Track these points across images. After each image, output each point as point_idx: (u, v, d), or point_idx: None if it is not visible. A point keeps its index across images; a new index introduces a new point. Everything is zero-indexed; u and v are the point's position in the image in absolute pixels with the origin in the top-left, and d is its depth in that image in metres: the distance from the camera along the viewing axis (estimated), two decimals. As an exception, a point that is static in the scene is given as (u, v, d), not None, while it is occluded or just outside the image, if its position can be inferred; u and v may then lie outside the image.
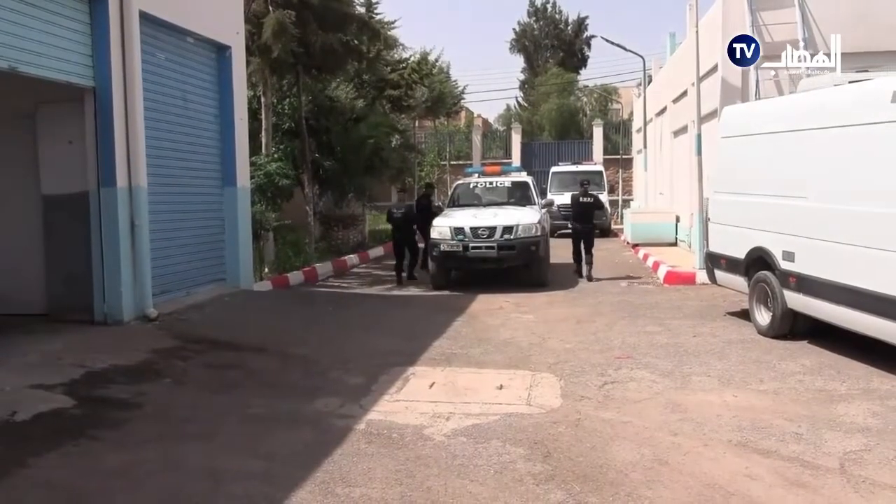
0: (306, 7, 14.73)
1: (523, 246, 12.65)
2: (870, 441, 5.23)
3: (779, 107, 9.43)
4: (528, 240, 12.69)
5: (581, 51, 54.23)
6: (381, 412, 5.96)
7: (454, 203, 14.77)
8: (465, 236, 12.66)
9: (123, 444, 5.28)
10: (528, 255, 12.75)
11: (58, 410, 5.88)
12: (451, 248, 12.68)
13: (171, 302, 9.89)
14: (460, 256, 12.73)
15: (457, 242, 12.66)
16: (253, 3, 14.27)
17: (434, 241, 12.96)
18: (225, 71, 11.69)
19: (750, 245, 8.89)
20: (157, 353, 7.69)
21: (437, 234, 12.97)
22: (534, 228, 12.84)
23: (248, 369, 7.41)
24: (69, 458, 4.99)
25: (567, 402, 6.18)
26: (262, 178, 13.97)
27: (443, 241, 12.80)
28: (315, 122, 17.98)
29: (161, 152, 9.96)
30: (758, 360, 7.51)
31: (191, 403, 6.27)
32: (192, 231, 10.85)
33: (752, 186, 9.07)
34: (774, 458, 4.95)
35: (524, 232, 12.70)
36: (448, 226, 12.96)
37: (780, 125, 8.68)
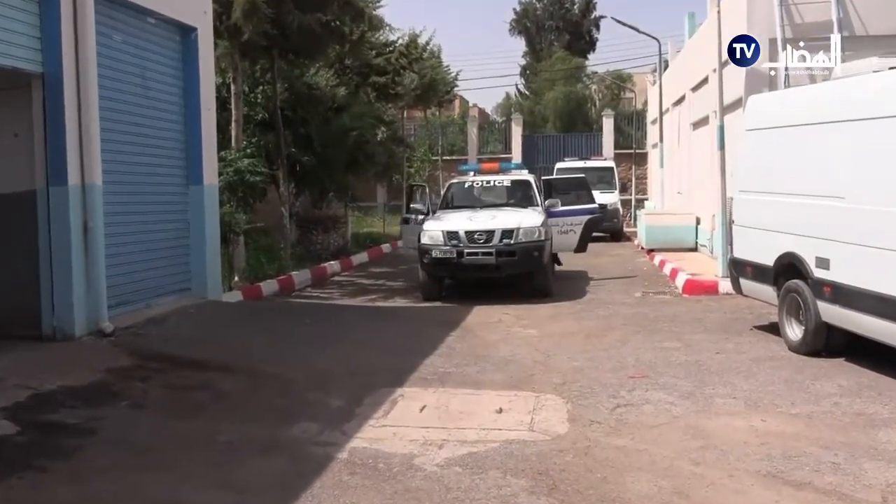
0: (281, -17, 14.72)
1: (525, 252, 12.55)
2: (914, 471, 5.24)
3: (811, 96, 9.46)
4: (530, 245, 12.60)
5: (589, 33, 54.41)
6: (366, 439, 5.94)
7: (447, 204, 14.64)
8: (460, 241, 12.58)
9: (75, 475, 5.23)
10: (530, 262, 12.67)
11: (1, 438, 5.83)
12: (444, 254, 12.57)
13: (128, 315, 9.85)
14: (454, 264, 12.64)
15: (450, 248, 12.55)
16: (222, -20, 14.25)
17: (424, 246, 12.83)
18: (190, 55, 11.66)
19: (779, 251, 8.91)
20: (112, 373, 7.65)
21: (427, 240, 12.86)
22: (536, 232, 12.76)
23: (215, 391, 7.37)
24: (13, 491, 4.94)
25: (575, 428, 6.17)
26: (232, 176, 13.96)
27: (434, 246, 12.68)
28: (291, 113, 17.98)
29: (118, 146, 9.93)
30: (789, 380, 7.52)
31: (151, 429, 6.23)
32: (152, 235, 10.81)
33: (782, 185, 9.09)
34: (808, 490, 4.95)
35: (526, 236, 12.62)
36: (440, 230, 12.87)
37: (813, 116, 8.72)
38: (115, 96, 9.94)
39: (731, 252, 10.47)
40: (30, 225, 8.90)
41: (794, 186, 8.83)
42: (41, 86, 8.80)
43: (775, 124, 9.45)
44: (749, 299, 10.28)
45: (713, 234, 15.56)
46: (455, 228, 12.78)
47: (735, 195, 10.50)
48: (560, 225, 14.34)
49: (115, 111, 9.87)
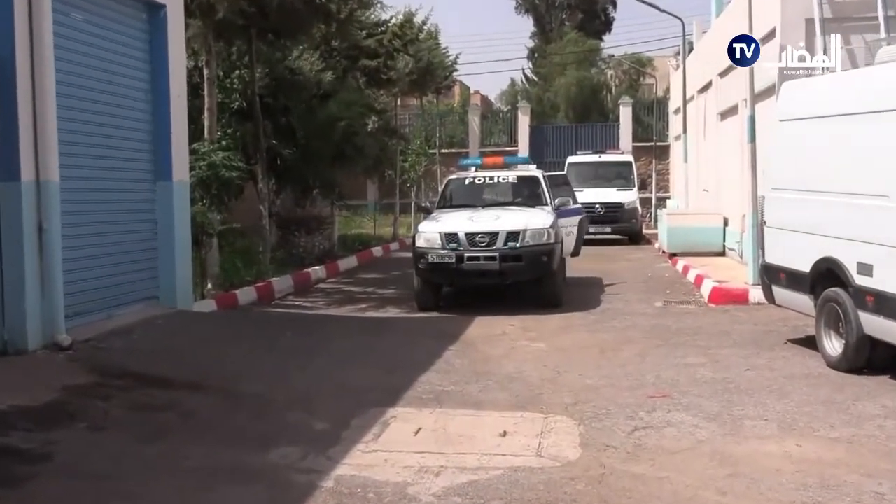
0: (260, -44, 14.75)
1: (532, 256, 12.45)
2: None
3: (852, 82, 9.51)
4: (537, 249, 12.51)
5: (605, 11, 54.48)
6: (354, 465, 5.94)
7: (445, 203, 14.57)
8: (460, 244, 12.49)
9: (27, 506, 5.23)
10: (538, 268, 12.58)
11: (-56, 464, 5.84)
12: (442, 259, 12.47)
13: (89, 326, 9.85)
14: (453, 270, 12.52)
15: (449, 252, 12.44)
16: (193, -48, 14.27)
17: (420, 250, 12.75)
18: (158, 36, 11.68)
19: (817, 255, 8.93)
20: (70, 391, 7.63)
21: (423, 242, 12.79)
22: (545, 234, 12.68)
23: (184, 411, 7.36)
24: (-43, 524, 4.95)
25: (588, 454, 6.17)
26: (205, 170, 13.93)
27: (431, 250, 12.59)
28: (272, 100, 17.99)
29: (78, 138, 9.95)
30: (827, 401, 7.53)
31: (112, 455, 6.22)
32: (116, 237, 10.83)
33: (819, 182, 9.11)
34: (849, 524, 4.96)
35: (533, 238, 12.53)
36: (438, 231, 12.78)
37: (855, 105, 8.74)
38: (75, 82, 9.94)
39: (762, 257, 10.48)
40: (-22, 225, 8.91)
41: (834, 184, 8.85)
42: (-9, 70, 8.82)
43: (812, 114, 9.47)
44: (783, 310, 10.30)
45: (743, 236, 15.58)
46: (454, 230, 12.67)
47: (767, 193, 10.52)
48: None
49: (74, 98, 9.88)
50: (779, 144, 10.21)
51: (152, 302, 11.45)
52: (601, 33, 52.42)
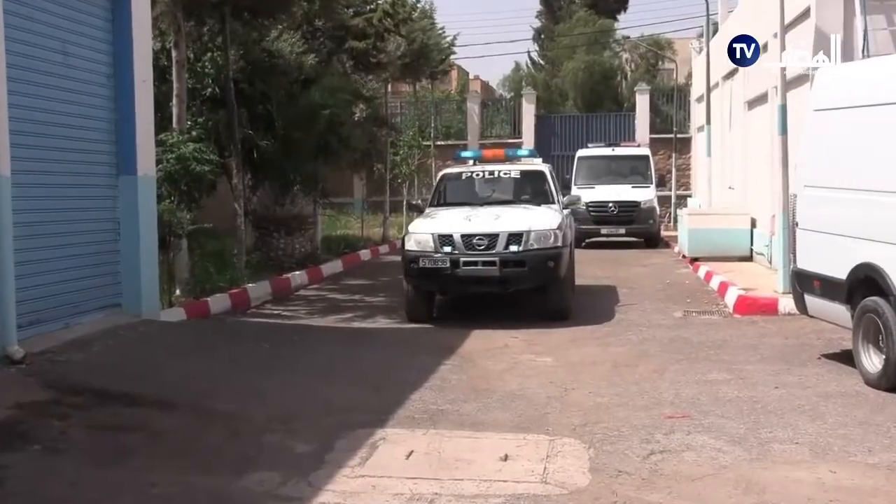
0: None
1: (537, 261, 12.12)
2: None
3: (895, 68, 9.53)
4: (543, 252, 12.18)
5: (620, -12, 54.55)
6: (339, 493, 5.96)
7: (439, 200, 14.33)
8: (455, 247, 12.15)
9: (-25, 537, 5.27)
10: (543, 275, 12.29)
11: None
12: (435, 264, 12.12)
13: (43, 337, 9.86)
14: (447, 276, 12.20)
15: (443, 256, 12.10)
16: (161, -80, 14.30)
17: (410, 254, 12.45)
18: (122, 14, 11.68)
19: (855, 261, 8.96)
20: (22, 409, 7.63)
21: (414, 245, 12.49)
22: (551, 236, 12.36)
23: (151, 432, 7.37)
24: None
25: (599, 480, 6.20)
26: (174, 164, 13.94)
27: (422, 254, 12.26)
28: (247, 86, 17.99)
29: (31, 127, 9.95)
30: (865, 422, 7.56)
31: (71, 480, 6.22)
32: (74, 238, 10.85)
33: (858, 179, 9.16)
34: (888, 558, 5.00)
35: (538, 241, 12.19)
36: (430, 232, 12.46)
37: (898, 93, 8.79)
38: (28, 65, 9.95)
39: (794, 262, 10.52)
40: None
41: (874, 181, 8.88)
42: (-65, 52, 8.84)
43: (851, 103, 9.52)
44: (816, 321, 10.34)
45: (772, 239, 15.64)
46: (449, 231, 12.34)
47: (800, 191, 10.56)
48: None
49: (26, 83, 9.88)
50: (813, 137, 10.24)
51: (115, 310, 11.44)
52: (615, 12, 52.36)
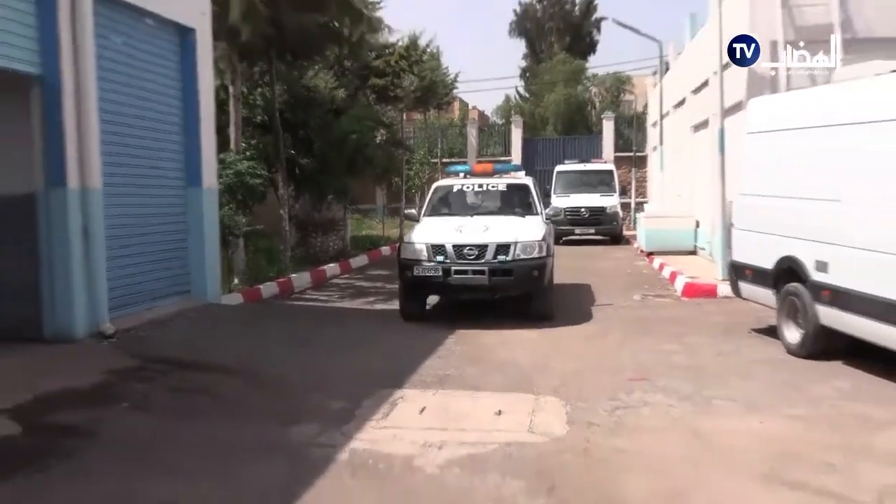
0: (280, -16, 14.77)
1: (523, 270, 10.78)
2: (912, 473, 5.31)
3: (812, 99, 9.52)
4: (529, 262, 10.85)
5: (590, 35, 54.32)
6: (366, 440, 5.99)
7: (432, 210, 12.82)
8: (447, 257, 10.83)
9: (77, 475, 5.30)
10: (528, 283, 10.92)
11: (4, 438, 5.90)
12: (428, 272, 10.85)
13: (129, 317, 9.91)
14: (440, 283, 10.96)
15: (435, 265, 10.81)
16: (220, -19, 14.30)
17: (405, 261, 11.16)
18: (189, 57, 11.72)
19: (779, 254, 8.98)
20: (114, 375, 7.71)
21: (409, 254, 11.16)
22: (536, 247, 10.98)
23: (215, 393, 7.43)
24: (16, 491, 5.01)
25: (574, 430, 6.23)
26: (231, 178, 13.98)
27: (417, 262, 10.97)
28: (290, 115, 18.00)
29: (118, 149, 9.99)
30: (787, 383, 7.59)
31: (152, 431, 6.29)
32: (152, 238, 10.88)
33: (782, 188, 9.16)
34: (805, 491, 5.01)
35: (524, 251, 10.86)
36: (424, 242, 11.10)
37: (813, 119, 8.78)
38: (115, 98, 10.00)
39: (730, 255, 10.54)
40: (30, 227, 8.94)
41: (794, 189, 8.89)
42: (40, 88, 8.84)
43: (776, 127, 9.51)
44: (748, 302, 10.33)
45: (713, 237, 15.61)
46: (441, 241, 10.99)
47: (735, 198, 10.57)
48: None
49: (114, 113, 9.94)
50: (746, 154, 10.23)
51: (185, 296, 11.49)
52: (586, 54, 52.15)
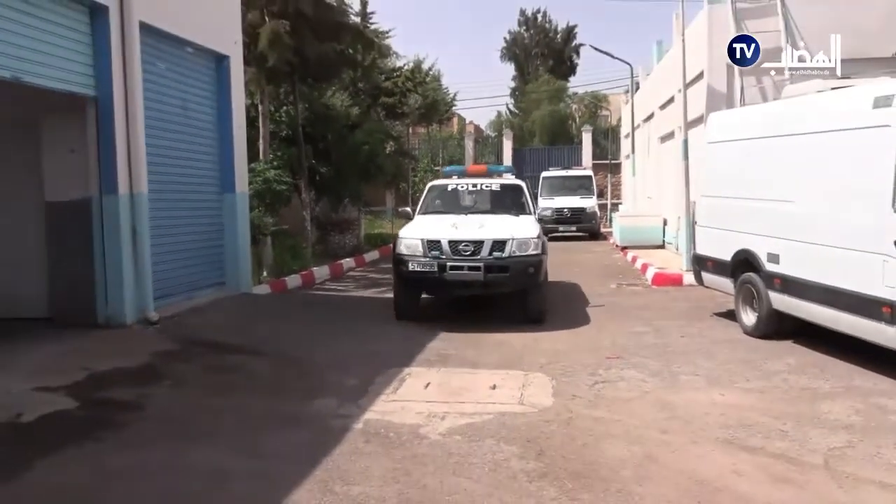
0: (301, 17, 14.76)
1: (519, 267, 9.56)
2: (852, 438, 5.27)
3: (764, 113, 9.50)
4: (524, 259, 9.62)
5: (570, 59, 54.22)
6: (378, 412, 5.97)
7: (427, 209, 11.51)
8: (442, 253, 9.61)
9: (127, 444, 5.28)
10: (524, 280, 9.66)
11: (62, 412, 5.88)
12: (423, 267, 9.62)
13: (171, 306, 9.87)
14: (435, 279, 9.65)
15: (430, 261, 9.60)
16: (249, 14, 14.27)
17: (400, 257, 9.91)
18: (223, 80, 11.67)
19: (736, 247, 8.94)
20: (158, 356, 7.68)
21: (404, 249, 9.91)
22: (531, 244, 9.79)
23: (247, 371, 7.40)
24: (74, 458, 4.98)
25: (559, 401, 6.20)
26: (260, 185, 13.95)
27: (412, 257, 9.73)
28: (311, 130, 17.99)
29: (162, 159, 9.94)
30: (744, 360, 7.55)
31: (192, 405, 6.27)
32: (191, 236, 10.83)
33: (738, 190, 9.12)
34: (760, 454, 4.99)
35: (520, 248, 9.67)
36: (419, 238, 9.86)
37: (765, 131, 8.75)
38: (159, 116, 9.95)
39: (694, 249, 10.51)
40: (85, 228, 8.92)
41: (749, 191, 8.85)
42: (94, 107, 8.81)
43: (733, 137, 9.47)
44: (709, 290, 10.28)
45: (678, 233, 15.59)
46: (436, 237, 9.77)
47: (698, 199, 10.53)
48: None
49: (158, 129, 9.88)
50: (706, 161, 10.20)
51: (220, 287, 11.45)
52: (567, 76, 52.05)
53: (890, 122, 6.56)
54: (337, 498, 4.36)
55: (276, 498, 4.33)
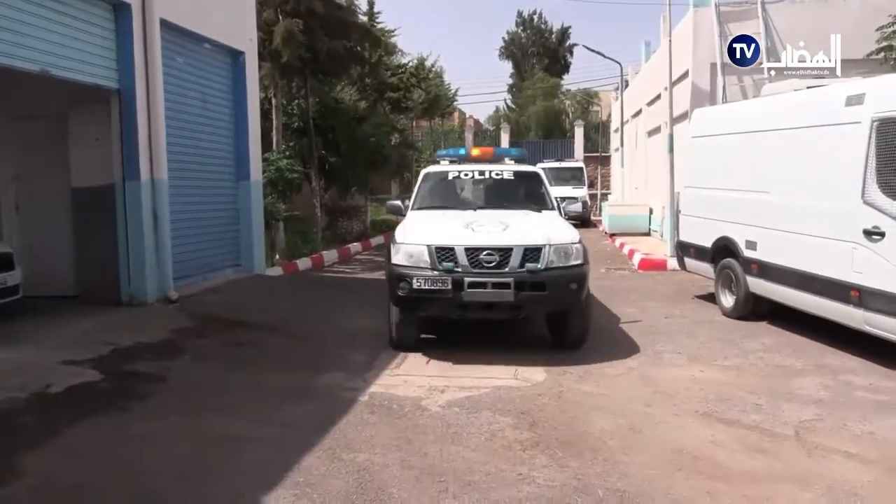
0: (313, 16, 14.68)
1: (559, 283, 6.59)
2: (822, 411, 5.30)
3: (744, 109, 9.47)
4: (566, 272, 6.65)
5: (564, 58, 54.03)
6: (383, 385, 5.99)
7: (422, 203, 8.24)
8: (458, 264, 6.59)
9: (149, 414, 5.30)
10: (565, 299, 6.69)
11: (88, 384, 5.90)
12: (432, 285, 6.55)
13: (190, 285, 9.88)
14: (448, 301, 6.59)
15: (442, 276, 6.55)
16: (264, 13, 14.20)
17: (400, 270, 6.75)
18: (239, 74, 11.62)
19: (716, 235, 8.94)
20: (178, 332, 7.70)
21: (404, 259, 6.78)
22: (573, 252, 6.78)
23: (262, 347, 7.42)
24: (100, 427, 5.01)
25: (550, 377, 6.21)
26: (274, 173, 13.93)
27: (416, 271, 6.65)
28: (321, 122, 17.90)
29: (181, 148, 9.92)
30: (723, 339, 7.57)
31: (210, 377, 6.29)
32: (209, 221, 10.83)
33: (720, 182, 9.10)
34: (737, 426, 5.01)
35: (559, 257, 6.68)
36: (425, 244, 6.72)
37: (746, 126, 8.72)
38: (179, 107, 9.92)
39: (677, 236, 10.50)
40: (109, 212, 8.92)
41: (730, 183, 8.84)
42: (118, 99, 8.80)
43: (715, 132, 9.45)
44: (691, 274, 10.29)
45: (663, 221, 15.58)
46: (449, 242, 6.70)
47: (682, 190, 10.51)
48: None
49: (178, 120, 9.86)
50: (691, 154, 10.18)
51: (236, 268, 11.46)
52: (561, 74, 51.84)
53: (861, 119, 6.54)
54: (343, 464, 4.38)
55: (287, 463, 4.35)
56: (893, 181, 6.17)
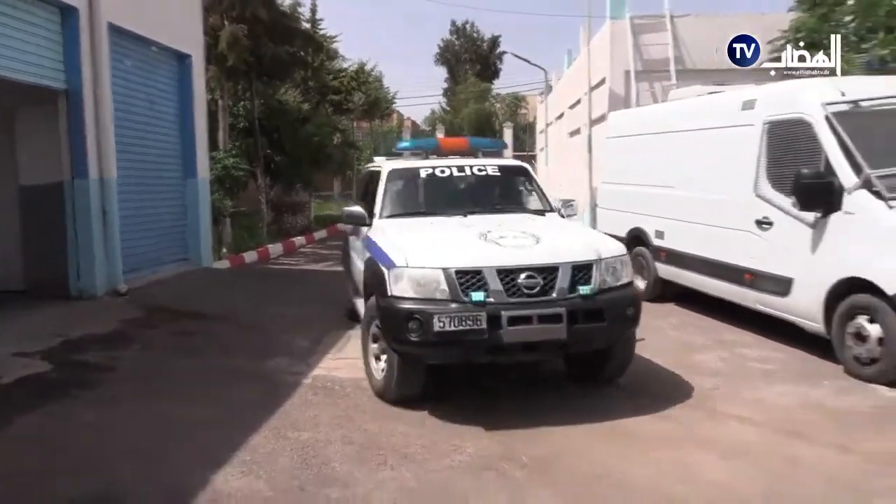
0: (258, 22, 14.43)
1: (617, 310, 4.86)
2: (719, 381, 5.55)
3: (654, 113, 9.74)
4: (621, 296, 4.93)
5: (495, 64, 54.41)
6: (325, 369, 5.96)
7: (394, 209, 6.07)
8: (489, 293, 4.57)
9: (99, 400, 5.15)
10: (622, 329, 4.98)
11: (39, 374, 5.68)
12: (461, 324, 4.47)
13: (139, 279, 9.58)
14: (480, 343, 4.54)
15: (473, 311, 4.50)
16: (210, 18, 13.86)
17: (403, 305, 4.66)
18: (186, 76, 11.28)
19: (630, 226, 9.17)
20: (127, 323, 7.47)
21: (409, 289, 4.68)
22: (623, 267, 5.06)
23: (209, 335, 7.26)
24: (51, 415, 4.83)
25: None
26: (220, 171, 13.66)
27: (431, 306, 4.56)
28: (266, 122, 17.60)
29: (129, 148, 9.58)
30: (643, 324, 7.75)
31: (159, 365, 6.13)
32: (157, 217, 10.50)
33: (633, 178, 9.32)
34: (646, 397, 5.18)
35: (612, 276, 4.93)
36: (439, 267, 4.66)
37: (655, 128, 8.96)
38: (127, 108, 9.58)
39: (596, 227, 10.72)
40: (58, 210, 8.56)
41: (641, 179, 9.06)
42: (65, 100, 8.44)
43: (628, 133, 9.68)
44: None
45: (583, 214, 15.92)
46: (476, 263, 4.67)
47: (599, 185, 10.74)
48: None
49: (126, 120, 9.52)
50: (607, 153, 10.41)
51: (184, 262, 11.14)
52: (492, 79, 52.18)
53: (754, 121, 6.83)
54: (289, 442, 4.36)
55: (235, 443, 4.30)
56: (781, 176, 6.47)
